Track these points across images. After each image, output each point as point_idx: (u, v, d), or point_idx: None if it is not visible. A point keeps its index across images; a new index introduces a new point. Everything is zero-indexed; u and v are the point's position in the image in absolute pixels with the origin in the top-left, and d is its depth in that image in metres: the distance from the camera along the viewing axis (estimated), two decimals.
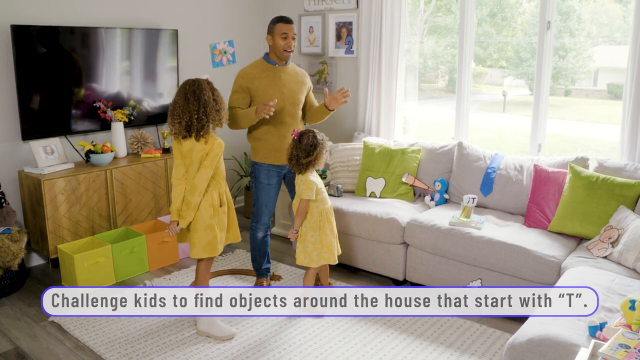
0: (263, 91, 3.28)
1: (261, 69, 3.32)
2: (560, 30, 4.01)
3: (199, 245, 2.90)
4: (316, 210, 3.18)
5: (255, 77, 3.29)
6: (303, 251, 3.20)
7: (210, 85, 2.86)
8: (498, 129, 4.65)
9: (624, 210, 3.08)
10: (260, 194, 3.44)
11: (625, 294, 2.45)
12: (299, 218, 3.16)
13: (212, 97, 2.82)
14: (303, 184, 3.13)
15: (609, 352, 1.66)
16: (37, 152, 3.81)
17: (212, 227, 2.89)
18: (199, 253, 2.92)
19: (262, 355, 2.86)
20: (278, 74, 3.33)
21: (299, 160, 3.10)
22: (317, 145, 3.10)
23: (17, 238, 3.55)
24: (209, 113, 2.80)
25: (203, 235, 2.88)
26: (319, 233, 3.18)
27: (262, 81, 3.29)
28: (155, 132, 4.66)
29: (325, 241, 3.20)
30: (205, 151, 2.82)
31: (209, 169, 2.82)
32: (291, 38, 3.28)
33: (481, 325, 3.14)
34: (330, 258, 3.22)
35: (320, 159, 3.14)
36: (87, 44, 4.02)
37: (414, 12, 4.62)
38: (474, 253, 3.25)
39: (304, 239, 3.19)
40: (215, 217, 2.89)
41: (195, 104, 2.79)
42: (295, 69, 3.45)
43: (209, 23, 4.96)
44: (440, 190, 3.91)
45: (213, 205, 2.88)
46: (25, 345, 2.98)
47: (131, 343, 2.99)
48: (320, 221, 3.18)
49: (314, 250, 3.19)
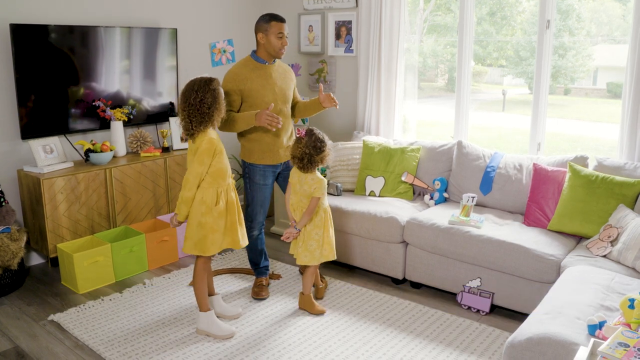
0: (256, 92, 3.22)
1: (251, 69, 3.25)
2: (559, 29, 4.01)
3: (190, 240, 2.91)
4: (321, 207, 3.19)
5: (247, 77, 3.22)
6: (306, 250, 3.20)
7: (205, 86, 2.82)
8: (497, 128, 4.66)
9: (623, 209, 3.08)
10: (255, 194, 3.41)
11: (624, 292, 2.45)
12: (308, 216, 3.14)
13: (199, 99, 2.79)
14: (315, 182, 3.12)
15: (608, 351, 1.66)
16: (36, 151, 3.81)
17: (203, 225, 2.87)
18: (188, 248, 2.93)
19: (261, 354, 2.86)
20: (268, 72, 3.28)
21: (311, 158, 3.08)
22: (324, 141, 3.13)
23: (16, 237, 3.55)
24: (192, 115, 2.79)
25: (194, 231, 2.89)
26: (322, 230, 3.20)
27: (254, 82, 3.22)
28: (154, 131, 4.66)
29: (327, 238, 3.21)
30: (195, 148, 2.84)
31: (196, 165, 2.82)
32: (285, 37, 3.26)
33: (480, 324, 3.15)
34: (330, 254, 3.24)
35: (329, 155, 3.17)
36: (87, 43, 4.01)
37: (413, 11, 4.61)
38: (473, 252, 3.25)
39: (307, 237, 3.19)
40: (207, 215, 2.87)
41: (183, 105, 2.82)
42: (282, 66, 3.42)
43: (208, 22, 4.96)
44: (440, 189, 3.91)
45: (205, 202, 2.86)
46: (24, 344, 2.97)
47: (130, 342, 2.99)
48: (323, 218, 3.20)
49: (317, 248, 3.20)
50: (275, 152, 3.35)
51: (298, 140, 3.13)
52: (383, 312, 3.30)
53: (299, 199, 3.18)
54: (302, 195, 3.16)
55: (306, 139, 3.09)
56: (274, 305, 3.40)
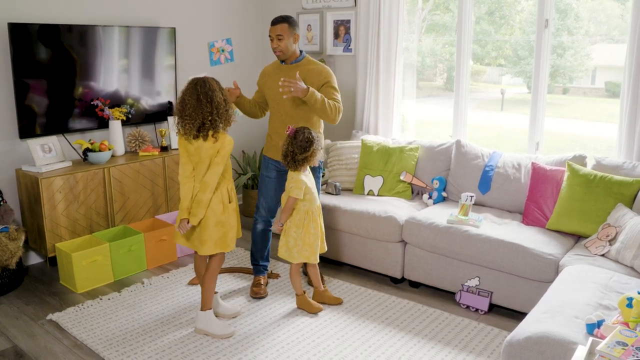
0: (268, 88, 3.45)
1: (274, 67, 3.49)
2: (558, 29, 4.01)
3: (210, 242, 2.91)
4: (302, 208, 3.18)
5: (267, 74, 3.49)
6: (285, 244, 3.24)
7: (219, 85, 2.87)
8: (496, 127, 4.66)
9: (621, 208, 3.08)
10: (260, 185, 3.57)
11: (622, 291, 2.45)
12: (285, 214, 3.19)
13: (222, 98, 2.83)
14: (293, 182, 3.14)
15: (607, 350, 1.67)
16: (34, 151, 3.81)
17: (223, 224, 2.92)
18: (210, 250, 2.92)
19: (260, 353, 2.86)
20: (285, 72, 3.37)
21: (294, 156, 3.10)
22: (313, 142, 3.10)
23: (14, 236, 3.54)
24: (222, 114, 2.82)
25: (214, 231, 2.90)
26: (301, 231, 3.19)
27: (269, 78, 3.44)
28: (153, 130, 4.65)
29: (307, 239, 3.19)
30: (215, 149, 2.83)
31: (220, 166, 2.85)
32: (276, 39, 3.28)
33: (479, 323, 3.15)
34: (311, 257, 3.22)
35: (315, 156, 3.15)
36: (85, 42, 4.01)
37: (412, 10, 4.61)
38: (472, 251, 3.25)
39: (287, 233, 3.23)
40: (225, 213, 2.92)
41: (208, 106, 2.78)
42: (308, 67, 3.37)
43: (207, 21, 4.95)
44: (438, 189, 3.92)
45: (223, 201, 2.92)
46: (23, 344, 2.97)
47: (129, 341, 2.99)
48: (305, 220, 3.19)
49: (294, 246, 3.21)
50: (278, 149, 3.36)
51: (287, 137, 3.14)
52: (382, 311, 3.30)
53: (285, 195, 3.21)
54: (285, 192, 3.20)
55: (291, 138, 3.12)
56: (273, 304, 3.40)
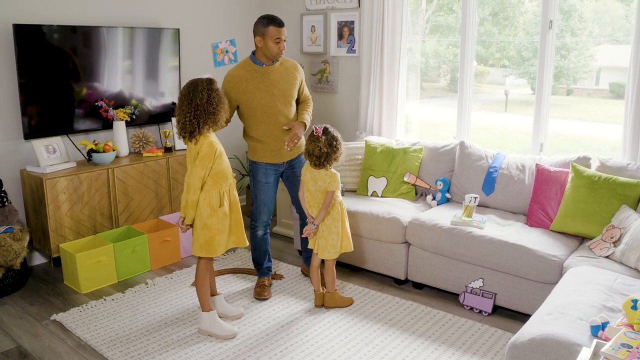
0: (251, 94, 3.23)
1: (248, 70, 3.26)
2: (562, 30, 4.00)
3: (197, 243, 2.93)
4: (337, 201, 3.25)
5: (242, 79, 3.24)
6: (328, 245, 3.25)
7: (209, 86, 2.83)
8: (500, 128, 4.65)
9: (626, 209, 3.07)
10: (258, 193, 3.45)
11: (627, 293, 2.44)
12: (325, 210, 3.21)
13: (205, 99, 2.80)
14: (329, 177, 3.19)
15: (611, 352, 1.66)
16: (39, 151, 3.82)
17: (209, 227, 2.89)
18: (196, 250, 2.95)
19: (263, 355, 2.86)
20: (266, 74, 3.26)
21: (328, 156, 3.15)
22: (340, 141, 3.21)
23: (19, 237, 3.55)
24: (200, 115, 2.79)
25: (200, 233, 2.90)
26: (340, 223, 3.26)
27: (249, 83, 3.23)
28: (157, 131, 4.66)
29: (344, 230, 3.29)
30: (196, 151, 2.84)
31: (199, 169, 2.83)
32: (283, 41, 3.23)
33: (483, 325, 3.14)
34: (348, 246, 3.31)
35: (343, 154, 3.25)
36: (89, 43, 4.02)
37: (415, 11, 4.61)
38: (475, 252, 3.25)
39: (328, 232, 3.25)
40: (212, 217, 2.89)
41: (187, 106, 2.80)
42: (285, 65, 3.36)
43: (210, 22, 4.96)
44: (442, 190, 3.91)
45: (210, 205, 2.88)
46: (27, 344, 2.98)
47: (133, 342, 2.99)
48: (341, 211, 3.27)
49: (338, 240, 3.26)
50: (277, 152, 3.36)
51: (315, 138, 3.16)
52: (385, 313, 3.30)
53: (314, 196, 3.22)
54: (316, 191, 3.21)
55: (323, 138, 3.14)
56: (276, 305, 3.40)
